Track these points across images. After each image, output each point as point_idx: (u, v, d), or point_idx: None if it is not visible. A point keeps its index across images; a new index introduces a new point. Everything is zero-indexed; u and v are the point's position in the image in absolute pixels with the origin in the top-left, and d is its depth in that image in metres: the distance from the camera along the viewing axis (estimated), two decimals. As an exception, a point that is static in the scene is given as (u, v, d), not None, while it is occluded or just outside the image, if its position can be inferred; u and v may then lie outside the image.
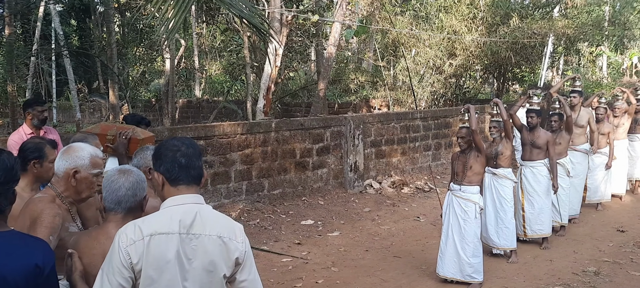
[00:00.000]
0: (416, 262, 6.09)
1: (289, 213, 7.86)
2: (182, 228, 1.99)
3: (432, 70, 14.31)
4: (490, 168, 6.14)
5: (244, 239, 2.09)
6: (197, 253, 1.99)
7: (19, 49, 11.06)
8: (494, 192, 6.12)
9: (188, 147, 2.12)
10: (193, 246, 1.99)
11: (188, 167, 2.08)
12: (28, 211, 2.47)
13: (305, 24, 14.35)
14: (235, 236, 2.07)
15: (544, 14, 14.98)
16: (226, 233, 2.05)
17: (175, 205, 2.04)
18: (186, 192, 2.07)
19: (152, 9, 5.17)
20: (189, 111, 19.04)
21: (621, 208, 8.52)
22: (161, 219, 2.02)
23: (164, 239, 1.97)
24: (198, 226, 2.01)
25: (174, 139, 2.16)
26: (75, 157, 2.55)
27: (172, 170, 2.07)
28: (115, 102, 12.27)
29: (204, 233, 2.01)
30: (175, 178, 2.07)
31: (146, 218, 2.05)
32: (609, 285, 5.42)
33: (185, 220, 2.00)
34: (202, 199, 2.12)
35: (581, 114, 7.72)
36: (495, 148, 6.07)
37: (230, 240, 2.04)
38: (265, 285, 5.35)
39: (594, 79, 21.50)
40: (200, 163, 2.14)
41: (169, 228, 1.98)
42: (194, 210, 2.03)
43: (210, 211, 2.10)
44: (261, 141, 8.13)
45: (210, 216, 2.07)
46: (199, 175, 2.12)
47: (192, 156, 2.10)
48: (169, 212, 2.03)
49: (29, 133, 5.22)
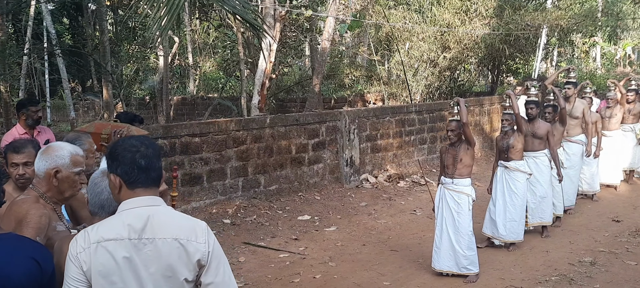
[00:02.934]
0: (413, 255, 6.10)
1: (285, 209, 7.86)
2: (133, 234, 1.88)
3: (426, 64, 14.30)
4: (502, 161, 6.18)
5: (207, 239, 1.95)
6: (152, 259, 1.88)
7: (11, 49, 10.97)
8: (505, 185, 6.16)
9: (147, 147, 1.99)
10: (147, 251, 1.88)
11: (148, 168, 1.96)
12: (12, 212, 2.45)
13: (298, 19, 14.31)
14: (196, 237, 1.93)
15: (537, 5, 14.99)
16: (184, 234, 1.91)
17: (128, 209, 1.93)
18: (143, 194, 1.95)
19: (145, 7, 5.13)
20: (184, 108, 18.97)
21: (616, 198, 8.56)
22: (110, 225, 1.92)
23: (111, 246, 1.87)
24: (150, 230, 1.89)
25: (132, 138, 2.03)
26: (55, 157, 2.53)
27: (130, 172, 1.94)
28: (109, 101, 12.21)
29: (158, 237, 1.89)
30: (133, 181, 1.95)
31: (98, 224, 1.97)
32: (605, 275, 5.45)
33: (135, 224, 1.89)
34: (159, 201, 1.99)
35: (576, 105, 7.75)
36: (507, 141, 6.11)
37: (188, 241, 1.91)
38: (263, 281, 5.39)
39: (588, 69, 21.55)
40: (160, 164, 2.03)
41: (117, 234, 1.88)
42: (146, 214, 1.91)
43: (166, 212, 1.97)
44: (257, 137, 8.11)
45: (164, 218, 1.94)
46: (158, 177, 2.01)
47: (152, 157, 1.98)
48: (121, 217, 1.93)
49: (23, 133, 5.19)
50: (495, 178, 6.28)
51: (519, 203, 6.13)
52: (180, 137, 7.26)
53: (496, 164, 6.30)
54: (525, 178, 6.19)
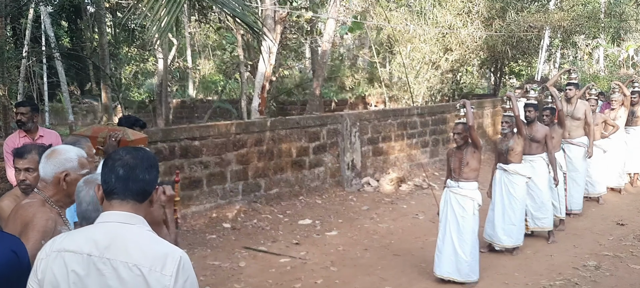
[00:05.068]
0: (416, 260, 6.02)
1: (286, 213, 7.78)
2: (95, 250, 1.72)
3: (428, 66, 14.24)
4: (501, 164, 6.10)
5: (176, 273, 1.71)
6: (108, 281, 1.70)
7: (10, 52, 10.91)
8: (503, 189, 6.08)
9: (133, 157, 1.83)
10: (105, 272, 1.71)
11: (127, 179, 1.80)
12: (18, 216, 2.45)
13: (299, 21, 14.25)
14: (162, 268, 1.70)
15: (540, 6, 14.92)
16: (147, 263, 1.70)
17: (101, 222, 1.79)
18: (118, 208, 1.79)
19: (144, 9, 5.07)
20: (183, 111, 18.93)
21: (620, 201, 8.48)
22: (76, 236, 1.79)
23: (68, 258, 1.73)
24: (114, 250, 1.71)
25: (123, 149, 1.90)
26: (64, 160, 2.53)
27: (108, 181, 1.81)
28: (108, 104, 12.15)
29: (119, 259, 1.70)
30: (110, 191, 1.81)
31: (68, 232, 1.88)
32: (610, 279, 5.38)
33: (101, 240, 1.73)
34: (137, 219, 1.80)
35: (578, 106, 7.66)
36: (506, 144, 6.04)
37: (151, 271, 1.69)
38: (263, 286, 5.31)
39: (591, 71, 21.48)
40: (147, 176, 1.83)
41: (78, 246, 1.74)
42: (114, 231, 1.74)
43: (137, 233, 1.77)
44: (257, 140, 8.04)
45: (133, 240, 1.74)
46: (140, 190, 1.81)
47: (135, 167, 1.81)
48: (90, 230, 1.80)
49: (23, 136, 5.12)
50: (494, 181, 6.19)
51: (518, 207, 6.04)
52: (180, 140, 7.18)
53: (495, 167, 6.22)
54: (524, 182, 6.10)
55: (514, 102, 5.95)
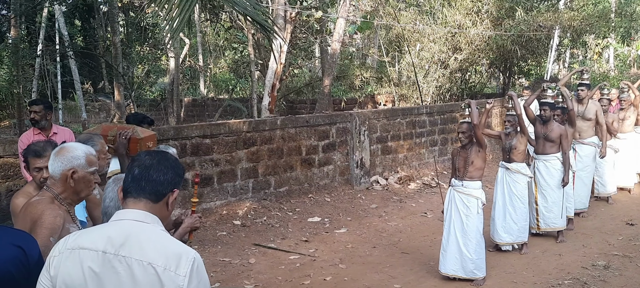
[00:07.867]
0: (424, 258, 6.06)
1: (295, 211, 7.85)
2: (110, 247, 1.73)
3: (437, 65, 14.24)
4: (503, 162, 6.13)
5: (190, 273, 1.71)
6: (122, 280, 1.71)
7: (24, 51, 11.09)
8: (505, 187, 6.10)
9: (152, 158, 1.87)
10: (119, 270, 1.72)
11: (140, 178, 1.83)
12: (28, 213, 2.47)
13: (309, 20, 14.31)
14: (176, 267, 1.71)
15: (550, 6, 14.86)
16: (162, 262, 1.70)
17: (115, 220, 1.81)
18: (133, 206, 1.82)
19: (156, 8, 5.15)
20: (194, 109, 19.06)
21: (630, 201, 8.45)
22: (92, 233, 1.82)
23: (83, 255, 1.75)
24: (128, 247, 1.72)
25: (147, 151, 1.95)
26: (72, 158, 2.54)
27: (125, 180, 1.85)
28: (121, 102, 12.29)
29: (133, 257, 1.71)
30: (125, 189, 1.85)
31: (84, 230, 1.89)
32: (619, 279, 5.37)
33: (115, 238, 1.74)
34: (152, 218, 1.81)
35: (589, 106, 7.65)
36: (509, 142, 6.06)
37: (165, 270, 1.70)
38: (273, 283, 5.38)
39: (601, 71, 21.33)
40: (163, 177, 1.85)
41: (92, 243, 1.75)
42: (128, 229, 1.76)
43: (153, 233, 1.78)
44: (267, 138, 8.12)
45: (147, 238, 1.75)
46: (154, 191, 1.83)
47: (151, 168, 1.84)
48: (105, 227, 1.83)
49: (37, 133, 5.21)
50: (496, 179, 6.23)
51: (519, 206, 6.04)
52: (191, 138, 7.28)
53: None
54: (526, 181, 6.11)
55: (515, 101, 5.96)
